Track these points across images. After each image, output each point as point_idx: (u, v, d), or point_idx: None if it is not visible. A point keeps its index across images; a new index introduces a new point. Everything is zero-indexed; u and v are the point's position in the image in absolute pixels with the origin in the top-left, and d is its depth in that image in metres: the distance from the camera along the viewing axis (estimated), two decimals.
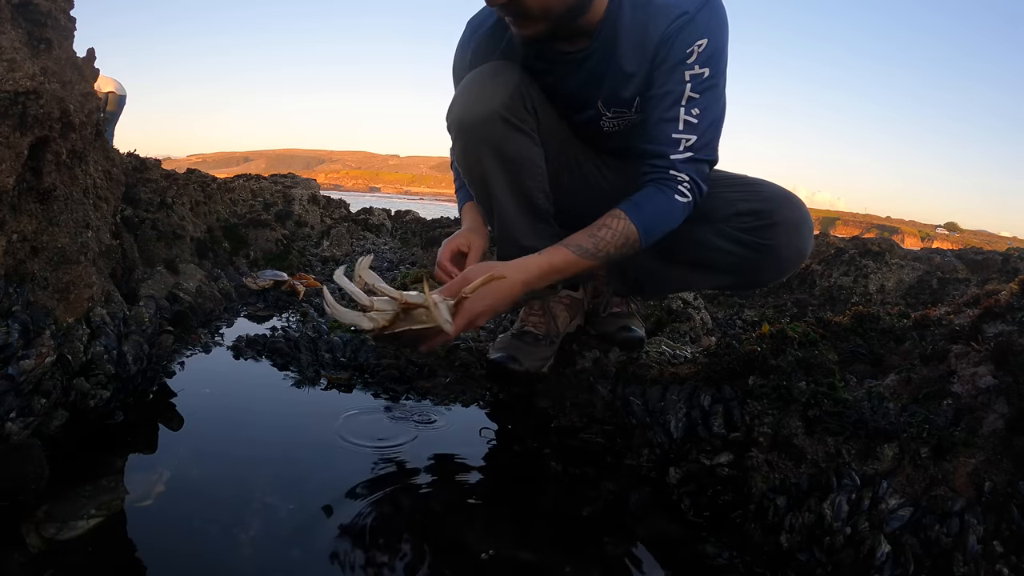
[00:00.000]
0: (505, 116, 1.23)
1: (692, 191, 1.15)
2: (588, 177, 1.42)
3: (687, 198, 1.15)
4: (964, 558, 0.74)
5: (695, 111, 1.13)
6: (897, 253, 3.36)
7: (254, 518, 0.85)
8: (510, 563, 0.83)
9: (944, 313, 1.12)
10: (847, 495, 0.85)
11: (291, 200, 3.69)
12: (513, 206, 1.32)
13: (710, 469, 1.01)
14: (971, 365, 0.92)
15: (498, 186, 1.30)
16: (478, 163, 1.28)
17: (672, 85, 1.13)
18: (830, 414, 0.94)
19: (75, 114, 1.09)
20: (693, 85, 1.12)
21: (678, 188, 1.14)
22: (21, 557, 0.73)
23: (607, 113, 1.27)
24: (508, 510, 0.97)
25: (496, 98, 1.23)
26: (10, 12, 1.03)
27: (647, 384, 1.23)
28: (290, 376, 1.43)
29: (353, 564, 0.80)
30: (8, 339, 0.94)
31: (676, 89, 1.13)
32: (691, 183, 1.15)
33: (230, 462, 1.02)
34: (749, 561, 0.85)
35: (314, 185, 4.33)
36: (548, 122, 1.32)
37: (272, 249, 2.74)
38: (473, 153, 1.28)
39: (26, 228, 1.04)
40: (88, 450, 0.99)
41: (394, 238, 4.59)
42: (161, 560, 0.76)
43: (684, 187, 1.14)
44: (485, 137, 1.25)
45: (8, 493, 0.83)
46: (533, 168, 1.30)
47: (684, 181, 1.14)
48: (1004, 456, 0.80)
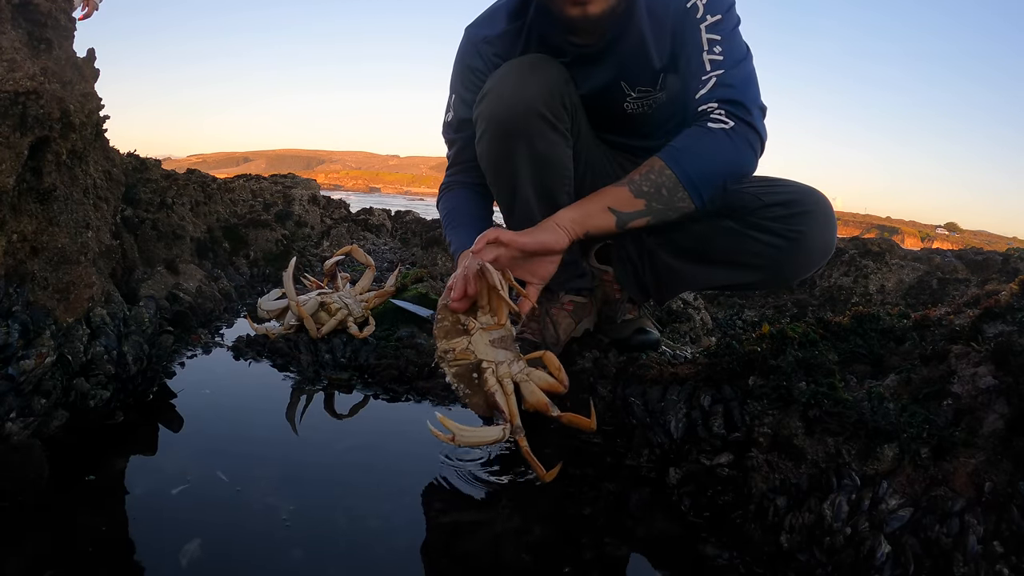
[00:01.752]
0: (543, 113, 1.19)
1: (730, 113, 1.07)
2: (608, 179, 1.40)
3: (725, 123, 1.07)
4: (964, 558, 0.74)
5: (717, 49, 1.10)
6: (897, 253, 3.35)
7: (254, 518, 0.85)
8: (510, 563, 0.83)
9: (944, 313, 1.12)
10: (847, 495, 0.84)
11: (291, 200, 3.69)
12: (536, 206, 1.28)
13: (710, 469, 1.01)
14: (971, 365, 0.92)
15: (524, 184, 1.26)
16: (507, 159, 1.23)
17: (691, 46, 1.12)
18: (830, 414, 0.94)
19: (75, 114, 1.09)
20: (708, 30, 1.11)
21: (711, 117, 1.08)
22: (21, 557, 0.73)
23: (632, 93, 1.24)
24: (508, 510, 0.97)
25: (535, 93, 1.18)
26: (10, 12, 1.03)
27: (647, 384, 1.23)
28: (290, 376, 1.43)
29: (353, 563, 0.80)
30: (8, 339, 0.94)
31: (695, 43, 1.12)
32: (721, 104, 1.08)
33: (230, 462, 1.02)
34: (749, 561, 0.85)
35: (314, 185, 4.33)
36: (580, 121, 1.29)
37: (272, 249, 2.74)
38: (504, 148, 1.22)
39: (26, 228, 1.04)
40: (88, 450, 0.99)
41: (394, 238, 4.59)
42: (161, 560, 0.76)
43: (717, 114, 1.08)
44: (520, 132, 1.20)
45: (8, 493, 0.83)
46: (562, 169, 1.27)
47: (714, 109, 1.08)
48: (1004, 456, 0.80)
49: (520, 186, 1.26)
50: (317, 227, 3.81)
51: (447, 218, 1.35)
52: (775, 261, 1.25)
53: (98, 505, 0.86)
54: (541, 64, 1.21)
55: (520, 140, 1.21)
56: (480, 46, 1.28)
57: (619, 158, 1.40)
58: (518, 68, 1.20)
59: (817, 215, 1.21)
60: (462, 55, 1.31)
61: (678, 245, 1.31)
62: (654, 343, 1.53)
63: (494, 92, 1.20)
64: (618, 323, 1.56)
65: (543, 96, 1.19)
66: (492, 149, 1.24)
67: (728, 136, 1.08)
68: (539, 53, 1.23)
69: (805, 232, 1.21)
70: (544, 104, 1.19)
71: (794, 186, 1.25)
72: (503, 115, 1.19)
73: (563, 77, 1.22)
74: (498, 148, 1.23)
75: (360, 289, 1.72)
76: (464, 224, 1.30)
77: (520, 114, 1.18)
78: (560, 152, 1.25)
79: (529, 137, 1.21)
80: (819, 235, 1.22)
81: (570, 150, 1.28)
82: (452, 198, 1.38)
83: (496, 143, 1.23)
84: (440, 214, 1.40)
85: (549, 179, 1.26)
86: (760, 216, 1.22)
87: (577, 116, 1.28)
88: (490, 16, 1.29)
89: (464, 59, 1.30)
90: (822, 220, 1.21)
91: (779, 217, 1.21)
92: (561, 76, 1.22)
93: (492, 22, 1.28)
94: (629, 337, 1.53)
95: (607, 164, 1.39)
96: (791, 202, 1.21)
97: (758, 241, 1.23)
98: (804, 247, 1.22)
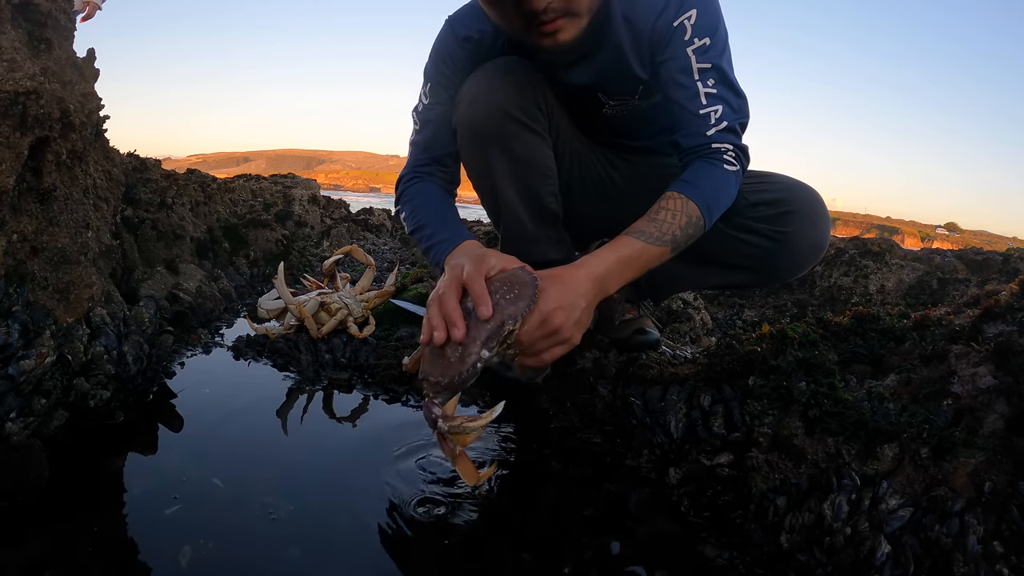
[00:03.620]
0: (516, 115, 1.18)
1: (738, 158, 1.11)
2: (596, 177, 1.39)
3: (735, 166, 1.10)
4: (964, 558, 0.74)
5: (711, 81, 1.09)
6: (897, 253, 3.35)
7: (254, 518, 0.85)
8: (510, 563, 0.83)
9: (944, 313, 1.12)
10: (847, 495, 0.84)
11: (291, 200, 3.69)
12: (522, 209, 1.27)
13: (710, 469, 1.01)
14: (971, 365, 0.92)
15: (506, 188, 1.25)
16: (486, 164, 1.23)
17: (679, 65, 1.10)
18: (830, 414, 0.94)
19: (75, 114, 1.09)
20: (698, 58, 1.09)
21: (724, 158, 1.10)
22: (21, 557, 0.73)
23: (610, 101, 1.24)
24: (508, 510, 0.97)
25: (506, 95, 1.17)
26: (10, 12, 1.03)
27: (647, 384, 1.23)
28: (290, 376, 1.43)
29: (353, 563, 0.80)
30: (8, 339, 0.95)
31: (684, 67, 1.10)
32: (735, 150, 1.10)
33: (230, 462, 1.02)
34: (749, 561, 0.85)
35: (314, 185, 4.33)
36: (559, 122, 1.28)
37: (272, 249, 2.74)
38: (481, 153, 1.22)
39: (26, 228, 1.04)
40: (88, 450, 0.99)
41: (394, 238, 4.59)
42: (161, 560, 0.76)
43: (729, 155, 1.10)
44: (494, 136, 1.20)
45: (8, 493, 0.83)
46: (544, 169, 1.26)
47: (728, 150, 1.10)
48: (1004, 456, 0.80)
49: (502, 189, 1.25)
50: (317, 227, 3.81)
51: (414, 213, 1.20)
52: (764, 262, 1.24)
53: (98, 505, 0.87)
54: (513, 67, 1.20)
55: (495, 144, 1.20)
56: (459, 38, 1.24)
57: (608, 155, 1.39)
58: (490, 72, 1.19)
59: (803, 214, 1.19)
60: (440, 45, 1.27)
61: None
62: (654, 343, 1.52)
63: (467, 98, 1.19)
64: (617, 323, 1.56)
65: (515, 98, 1.18)
66: (470, 155, 1.24)
67: (734, 179, 1.10)
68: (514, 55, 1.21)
69: (790, 232, 1.19)
70: (516, 107, 1.18)
71: (781, 183, 1.23)
72: (476, 120, 1.19)
73: (536, 79, 1.21)
74: (476, 153, 1.23)
75: (360, 289, 1.72)
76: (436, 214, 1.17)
77: (494, 118, 1.18)
78: (540, 153, 1.25)
79: (503, 140, 1.20)
80: (807, 235, 1.20)
81: (550, 150, 1.27)
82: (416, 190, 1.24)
83: (473, 148, 1.22)
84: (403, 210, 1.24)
85: (532, 181, 1.26)
86: (746, 216, 1.21)
87: (555, 116, 1.27)
88: (471, 8, 1.26)
89: (441, 51, 1.26)
90: (809, 218, 1.20)
91: (764, 217, 1.20)
92: (534, 78, 1.21)
93: (473, 15, 1.24)
94: (629, 337, 1.53)
95: (595, 162, 1.38)
96: (776, 201, 1.20)
97: (745, 242, 1.22)
98: (790, 247, 1.21)
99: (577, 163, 1.36)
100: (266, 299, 1.67)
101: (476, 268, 0.91)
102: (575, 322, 0.93)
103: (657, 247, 1.02)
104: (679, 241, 1.03)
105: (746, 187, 1.21)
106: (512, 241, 1.33)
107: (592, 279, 0.96)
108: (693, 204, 1.04)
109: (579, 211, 1.37)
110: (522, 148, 1.22)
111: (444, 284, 0.91)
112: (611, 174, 1.39)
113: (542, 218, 1.30)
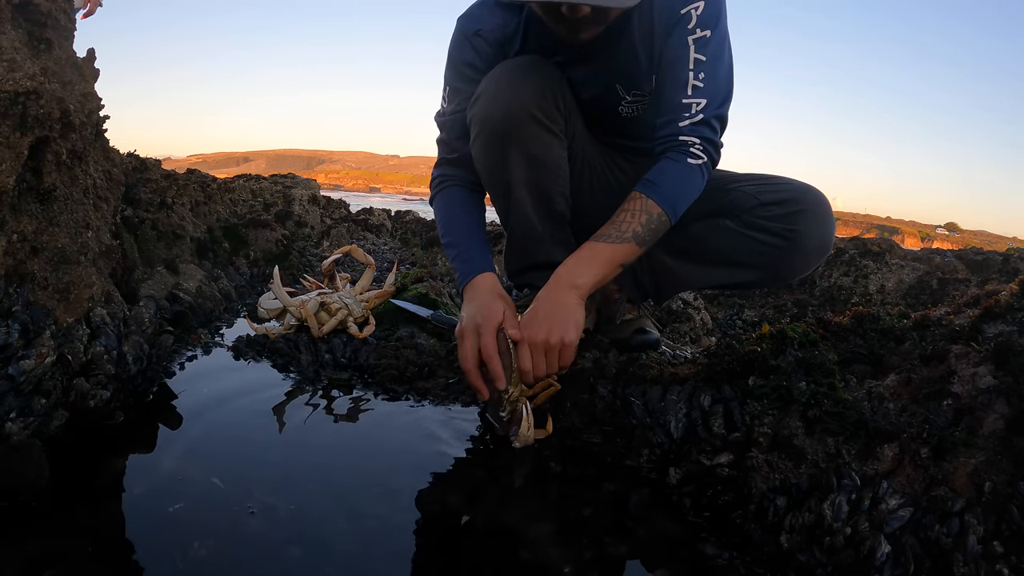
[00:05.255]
0: (536, 115, 1.19)
1: (706, 150, 1.14)
2: (603, 179, 1.39)
3: (700, 159, 1.14)
4: (964, 558, 0.74)
5: (701, 75, 1.12)
6: (897, 253, 3.36)
7: (254, 518, 0.85)
8: (510, 563, 0.83)
9: (944, 313, 1.12)
10: (847, 495, 0.84)
11: (291, 200, 3.69)
12: (532, 209, 1.28)
13: (710, 469, 1.01)
14: (971, 365, 0.92)
15: (519, 187, 1.26)
16: (502, 161, 1.23)
17: (676, 52, 1.13)
18: (830, 414, 0.94)
19: (75, 114, 1.09)
20: (696, 48, 1.12)
21: (689, 151, 1.13)
22: (21, 557, 0.73)
23: (627, 97, 1.25)
24: (508, 510, 0.97)
25: (529, 95, 1.18)
26: (10, 12, 1.03)
27: (647, 384, 1.23)
28: (290, 376, 1.43)
29: (353, 564, 0.80)
30: (8, 339, 0.95)
31: (681, 55, 1.12)
32: (702, 142, 1.14)
33: (230, 462, 1.02)
34: (749, 561, 0.85)
35: (314, 185, 4.33)
36: (575, 123, 1.29)
37: (272, 249, 2.74)
38: (497, 150, 1.22)
39: (26, 228, 1.04)
40: (88, 450, 0.99)
41: (394, 238, 4.59)
42: (161, 560, 0.76)
43: (696, 149, 1.13)
44: (514, 135, 1.20)
45: (8, 493, 0.83)
46: (557, 171, 1.27)
47: (695, 143, 1.13)
48: (1004, 456, 0.80)
49: (515, 188, 1.26)
50: (317, 227, 3.81)
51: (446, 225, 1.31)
52: (772, 260, 1.25)
53: (98, 505, 0.86)
54: (534, 66, 1.20)
55: (514, 143, 1.21)
56: (473, 39, 1.26)
57: (615, 157, 1.40)
58: (511, 70, 1.20)
59: (814, 214, 1.22)
60: (455, 48, 1.29)
61: (675, 246, 1.31)
62: (654, 343, 1.52)
63: (487, 94, 1.20)
64: (617, 323, 1.56)
65: (536, 98, 1.19)
66: (486, 152, 1.24)
67: (700, 171, 1.15)
68: (533, 54, 1.22)
69: (801, 231, 1.21)
70: (537, 106, 1.19)
71: (791, 184, 1.25)
72: (496, 117, 1.19)
73: (556, 78, 1.22)
74: (492, 151, 1.23)
75: (360, 289, 1.72)
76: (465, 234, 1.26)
77: (513, 116, 1.18)
78: (555, 154, 1.25)
79: (523, 140, 1.20)
80: (816, 234, 1.22)
81: (565, 152, 1.28)
82: (448, 199, 1.33)
83: (490, 146, 1.22)
84: (436, 216, 1.35)
85: (544, 181, 1.26)
86: (756, 215, 1.23)
87: (572, 117, 1.27)
88: (482, 7, 1.27)
89: (457, 52, 1.28)
90: (819, 218, 1.22)
91: (775, 216, 1.22)
92: (555, 77, 1.22)
93: (485, 14, 1.26)
94: (629, 337, 1.53)
95: (604, 164, 1.40)
96: (787, 200, 1.22)
97: (755, 240, 1.24)
98: (801, 246, 1.23)
99: (588, 165, 1.37)
100: (266, 299, 1.67)
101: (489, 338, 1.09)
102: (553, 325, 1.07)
103: (620, 245, 1.11)
104: (642, 237, 1.12)
105: (755, 188, 1.25)
106: (519, 240, 1.34)
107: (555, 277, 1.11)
108: (653, 202, 1.12)
109: (585, 213, 1.37)
110: (539, 148, 1.23)
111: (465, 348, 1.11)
112: (617, 176, 1.41)
113: (551, 219, 1.31)
